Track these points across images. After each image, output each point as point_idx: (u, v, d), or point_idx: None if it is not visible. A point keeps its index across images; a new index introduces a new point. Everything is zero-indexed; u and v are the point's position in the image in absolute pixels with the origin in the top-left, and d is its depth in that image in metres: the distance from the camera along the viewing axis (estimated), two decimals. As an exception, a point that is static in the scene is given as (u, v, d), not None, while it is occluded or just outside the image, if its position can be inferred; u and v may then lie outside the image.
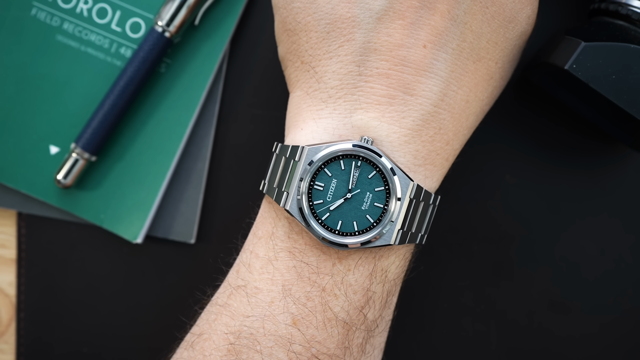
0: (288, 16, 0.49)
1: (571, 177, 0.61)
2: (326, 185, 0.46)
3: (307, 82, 0.48)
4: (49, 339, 0.64)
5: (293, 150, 0.47)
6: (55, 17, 0.60)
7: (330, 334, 0.47)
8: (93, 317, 0.64)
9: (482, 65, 0.48)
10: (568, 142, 0.60)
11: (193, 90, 0.61)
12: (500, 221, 0.61)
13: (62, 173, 0.60)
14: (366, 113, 0.46)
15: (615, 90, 0.48)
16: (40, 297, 0.64)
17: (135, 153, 0.61)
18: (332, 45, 0.47)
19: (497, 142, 0.60)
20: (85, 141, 0.59)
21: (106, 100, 0.59)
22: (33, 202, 0.62)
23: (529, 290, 0.62)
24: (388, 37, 0.46)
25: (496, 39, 0.48)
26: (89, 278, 0.63)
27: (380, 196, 0.46)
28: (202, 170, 0.62)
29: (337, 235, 0.46)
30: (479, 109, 0.49)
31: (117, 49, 0.61)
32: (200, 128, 0.61)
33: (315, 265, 0.47)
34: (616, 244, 0.61)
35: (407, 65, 0.46)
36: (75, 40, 0.61)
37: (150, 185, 0.61)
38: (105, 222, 0.61)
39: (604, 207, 0.61)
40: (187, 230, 0.62)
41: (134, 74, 0.59)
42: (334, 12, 0.47)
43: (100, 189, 0.61)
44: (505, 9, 0.48)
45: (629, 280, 0.61)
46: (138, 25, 0.61)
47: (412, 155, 0.46)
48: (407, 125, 0.46)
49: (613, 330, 0.62)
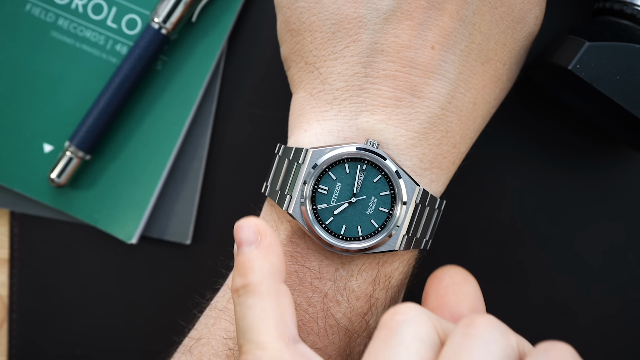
0: (292, 16, 0.48)
1: (574, 179, 0.60)
2: (330, 189, 0.46)
3: (311, 83, 0.48)
4: (41, 340, 0.63)
5: (297, 153, 0.46)
6: (49, 13, 0.60)
7: (332, 341, 0.47)
8: (86, 318, 0.63)
9: (490, 66, 0.47)
10: (571, 143, 0.60)
11: (190, 88, 0.60)
12: (502, 224, 0.61)
13: (56, 172, 0.59)
14: (372, 115, 0.46)
15: (620, 91, 0.48)
16: (33, 298, 0.63)
17: (131, 152, 0.61)
18: (337, 46, 0.46)
19: (499, 143, 0.60)
20: (80, 139, 0.59)
21: (101, 98, 0.58)
22: (26, 201, 0.62)
23: (530, 293, 0.61)
24: (395, 38, 0.45)
25: (504, 40, 0.48)
26: (83, 279, 0.63)
27: (386, 201, 0.46)
28: (199, 169, 0.61)
29: (340, 240, 0.46)
30: (486, 111, 0.49)
31: (113, 46, 0.60)
32: (197, 127, 0.61)
33: (317, 270, 0.46)
34: (619, 246, 0.61)
35: (415, 67, 0.45)
36: (70, 37, 0.60)
37: (146, 185, 0.61)
38: (100, 222, 0.61)
39: (607, 209, 0.61)
40: (182, 230, 0.62)
41: (130, 71, 0.58)
42: (340, 12, 0.46)
43: (94, 188, 0.61)
44: (514, 9, 0.47)
45: (633, 284, 0.61)
46: (134, 22, 0.60)
47: (418, 159, 0.46)
48: (414, 128, 0.46)
49: (616, 335, 0.62)
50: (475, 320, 0.38)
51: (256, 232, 0.43)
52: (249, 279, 0.41)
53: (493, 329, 0.38)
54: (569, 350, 0.37)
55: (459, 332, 0.38)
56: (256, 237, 0.42)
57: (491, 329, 0.37)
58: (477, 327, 0.38)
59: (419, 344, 0.38)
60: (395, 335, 0.38)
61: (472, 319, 0.38)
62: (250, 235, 0.42)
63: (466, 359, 0.36)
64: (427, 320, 0.39)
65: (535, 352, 0.37)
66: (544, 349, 0.37)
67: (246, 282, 0.41)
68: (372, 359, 0.38)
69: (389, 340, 0.38)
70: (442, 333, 0.39)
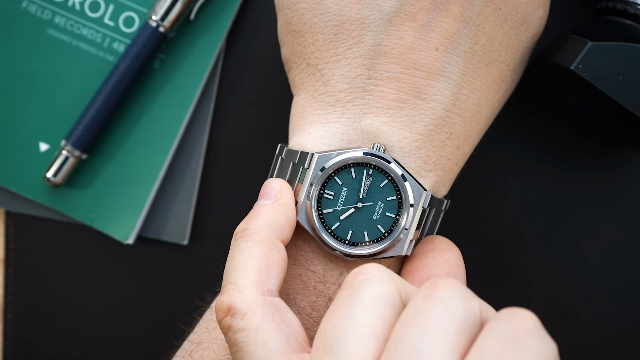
0: (293, 17, 0.48)
1: (575, 181, 0.60)
2: (336, 194, 0.46)
3: (313, 85, 0.47)
4: (36, 341, 0.63)
5: (302, 157, 0.46)
6: (46, 11, 0.60)
7: None
8: (82, 319, 0.63)
9: (494, 68, 0.47)
10: (573, 144, 0.60)
11: (188, 87, 0.60)
12: (503, 226, 0.61)
13: (52, 171, 0.59)
14: (376, 118, 0.45)
15: (622, 91, 0.48)
16: (28, 298, 0.63)
17: (128, 151, 0.60)
18: (339, 48, 0.46)
19: (500, 144, 0.60)
20: (76, 138, 0.58)
21: (98, 97, 0.58)
22: (22, 200, 0.61)
23: (531, 296, 0.61)
24: (399, 40, 0.45)
25: (508, 41, 0.47)
26: (79, 279, 0.63)
27: (392, 206, 0.46)
28: (196, 169, 0.61)
29: (347, 246, 0.46)
30: (489, 112, 0.49)
31: (110, 44, 0.60)
32: (195, 126, 0.61)
33: (321, 274, 0.46)
34: (621, 249, 0.61)
35: (419, 69, 0.45)
36: (66, 35, 0.60)
37: (143, 185, 0.60)
38: (96, 221, 0.61)
39: (609, 211, 0.60)
40: (179, 231, 0.61)
41: (127, 69, 0.58)
42: (343, 13, 0.46)
43: (90, 187, 0.61)
44: (518, 10, 0.47)
45: (635, 286, 0.61)
46: (132, 20, 0.60)
47: (422, 161, 0.46)
48: (418, 130, 0.45)
49: (617, 337, 0.61)
50: (437, 283, 0.37)
51: (278, 191, 0.45)
52: (250, 225, 0.44)
53: (454, 292, 0.37)
54: (530, 317, 0.36)
55: (421, 294, 0.37)
56: (276, 195, 0.45)
57: (453, 292, 0.37)
58: (439, 290, 0.37)
59: (378, 302, 0.38)
60: (355, 294, 0.38)
61: (434, 282, 0.38)
62: (272, 192, 0.45)
63: (425, 319, 0.36)
64: (389, 280, 0.39)
65: (496, 318, 0.36)
66: (504, 315, 0.36)
67: (247, 227, 0.44)
68: (331, 317, 0.38)
69: (349, 298, 0.38)
70: (404, 295, 0.39)
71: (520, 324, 0.35)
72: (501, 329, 0.35)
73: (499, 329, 0.35)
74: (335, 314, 0.38)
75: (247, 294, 0.41)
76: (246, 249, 0.43)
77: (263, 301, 0.41)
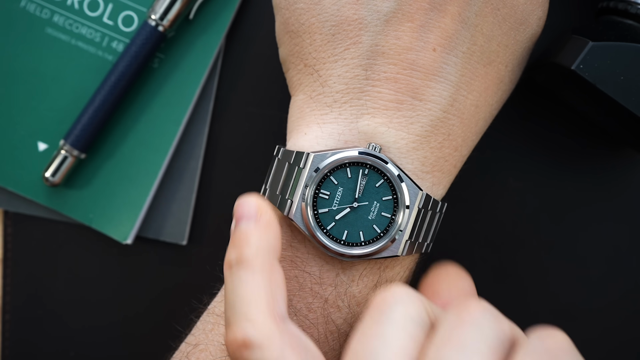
0: (291, 17, 0.48)
1: (576, 181, 0.60)
2: (332, 194, 0.45)
3: (311, 86, 0.47)
4: (34, 341, 0.63)
5: (298, 157, 0.46)
6: (45, 9, 0.59)
7: (332, 347, 0.47)
8: (80, 319, 0.63)
9: (493, 69, 0.47)
10: (573, 145, 0.60)
11: (187, 86, 0.60)
12: (503, 225, 0.61)
13: (51, 170, 0.59)
14: (373, 118, 0.45)
15: (624, 92, 0.48)
16: (26, 299, 0.63)
17: (126, 151, 0.60)
18: (337, 48, 0.46)
19: (500, 144, 0.60)
20: (75, 138, 0.58)
21: (97, 96, 0.58)
22: (20, 200, 0.61)
23: (532, 296, 0.61)
24: (396, 40, 0.45)
25: (507, 42, 0.47)
26: (77, 279, 0.62)
27: (388, 205, 0.46)
28: (195, 169, 0.61)
29: (342, 246, 0.45)
30: (488, 113, 0.48)
31: (109, 43, 0.60)
32: (194, 126, 0.61)
33: (317, 275, 0.46)
34: (622, 249, 0.61)
35: (416, 70, 0.45)
36: (65, 34, 0.60)
37: (141, 185, 0.60)
38: (95, 221, 0.61)
39: (610, 212, 0.60)
40: (178, 231, 0.61)
41: (126, 69, 0.58)
42: (340, 13, 0.46)
43: (89, 187, 0.61)
44: (516, 10, 0.47)
45: (635, 286, 0.61)
46: (131, 19, 0.60)
47: (420, 162, 0.46)
48: (416, 132, 0.45)
49: (618, 337, 0.61)
50: (468, 305, 0.38)
51: (256, 208, 0.43)
52: (244, 252, 0.42)
53: (486, 313, 0.38)
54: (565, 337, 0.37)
55: (452, 316, 0.38)
56: (255, 213, 0.43)
57: (484, 314, 0.38)
58: (471, 312, 0.38)
59: (408, 323, 0.38)
60: (385, 314, 0.38)
61: (465, 304, 0.38)
62: (250, 211, 0.43)
63: (459, 342, 0.36)
64: (418, 301, 0.39)
65: (530, 340, 0.37)
66: (538, 336, 0.37)
67: (240, 255, 0.42)
68: (362, 336, 0.38)
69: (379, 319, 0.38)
70: (432, 315, 0.39)
71: (555, 344, 0.37)
72: (538, 348, 0.37)
73: (535, 348, 0.37)
74: (366, 333, 0.38)
75: (262, 325, 0.40)
76: (248, 279, 0.41)
77: (278, 329, 0.40)
